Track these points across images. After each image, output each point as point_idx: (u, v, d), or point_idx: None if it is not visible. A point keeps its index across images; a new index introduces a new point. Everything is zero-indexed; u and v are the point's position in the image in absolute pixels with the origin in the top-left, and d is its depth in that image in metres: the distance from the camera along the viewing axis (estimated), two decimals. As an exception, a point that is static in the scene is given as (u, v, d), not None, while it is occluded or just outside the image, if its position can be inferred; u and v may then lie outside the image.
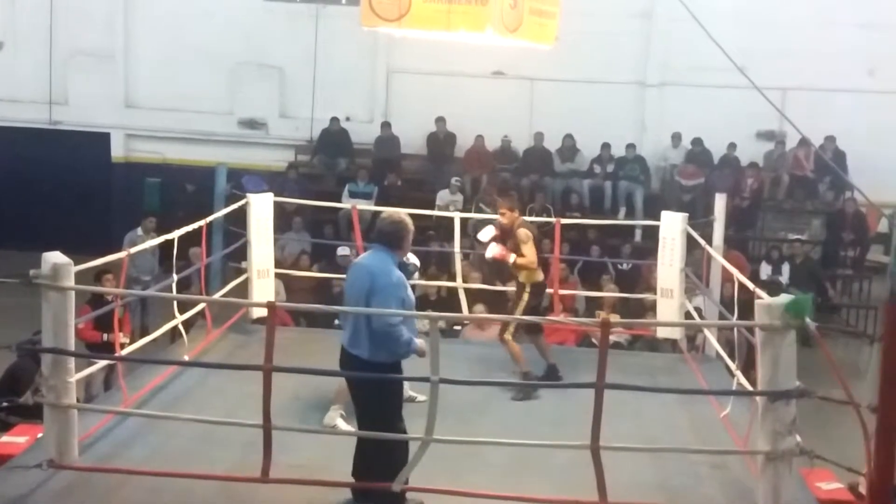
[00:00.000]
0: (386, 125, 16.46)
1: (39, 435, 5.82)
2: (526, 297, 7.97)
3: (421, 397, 6.91)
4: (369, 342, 5.32)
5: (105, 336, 9.20)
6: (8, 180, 16.73)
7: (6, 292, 6.03)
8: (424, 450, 5.17)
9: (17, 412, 7.27)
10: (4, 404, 7.15)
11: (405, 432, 5.42)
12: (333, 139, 16.51)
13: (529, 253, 7.85)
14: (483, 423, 6.82)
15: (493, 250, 7.99)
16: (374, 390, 5.39)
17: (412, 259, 7.14)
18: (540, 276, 8.13)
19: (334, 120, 16.48)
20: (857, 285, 15.16)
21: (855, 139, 15.34)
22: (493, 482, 5.63)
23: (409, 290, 5.53)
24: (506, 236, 8.00)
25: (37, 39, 16.95)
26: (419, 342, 5.42)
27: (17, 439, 6.28)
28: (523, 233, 7.88)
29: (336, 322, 10.97)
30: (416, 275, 7.53)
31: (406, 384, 6.78)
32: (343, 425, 6.47)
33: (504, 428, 6.68)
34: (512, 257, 7.87)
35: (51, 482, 5.42)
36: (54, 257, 5.22)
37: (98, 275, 8.95)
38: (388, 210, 5.90)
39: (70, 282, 5.22)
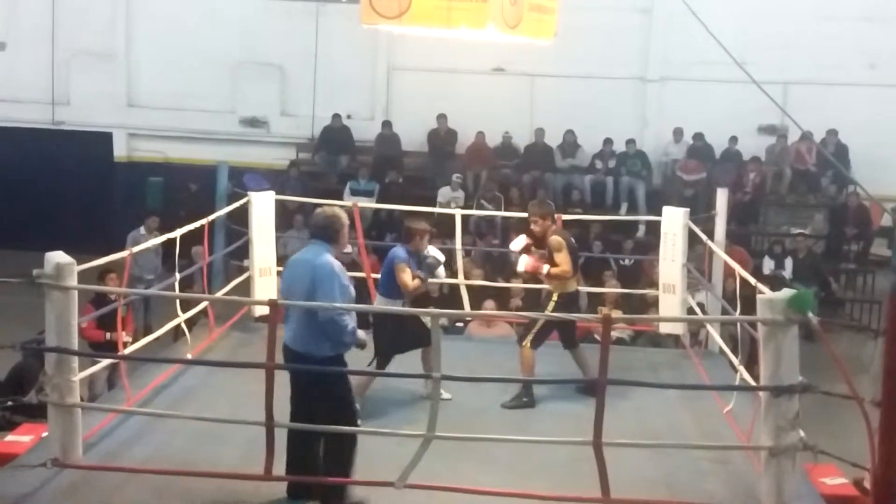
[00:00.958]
0: (387, 124, 16.47)
1: (44, 434, 5.83)
2: (551, 306, 7.49)
3: (446, 395, 6.91)
4: (314, 337, 5.32)
5: (108, 335, 9.21)
6: (11, 180, 16.76)
7: (9, 292, 6.05)
8: (426, 446, 5.17)
9: (21, 411, 7.30)
10: (9, 403, 7.16)
11: (358, 423, 5.56)
12: (336, 136, 16.52)
13: (563, 261, 7.39)
14: (485, 420, 6.82)
15: (524, 262, 7.61)
16: (331, 385, 5.38)
17: (433, 252, 7.19)
18: (572, 287, 7.60)
19: (336, 117, 16.49)
20: (861, 279, 15.15)
21: (857, 133, 15.35)
22: (495, 479, 5.63)
23: (348, 280, 5.53)
24: (539, 246, 7.61)
25: (39, 40, 16.97)
26: (361, 333, 5.49)
27: (21, 438, 6.29)
28: (555, 240, 7.43)
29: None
30: (442, 270, 7.39)
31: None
32: None
33: (506, 424, 6.68)
34: (545, 268, 7.46)
35: (55, 481, 5.43)
36: (57, 257, 5.23)
37: (101, 274, 8.95)
38: (323, 206, 5.91)
39: (73, 281, 5.23)
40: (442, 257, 7.27)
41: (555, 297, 7.52)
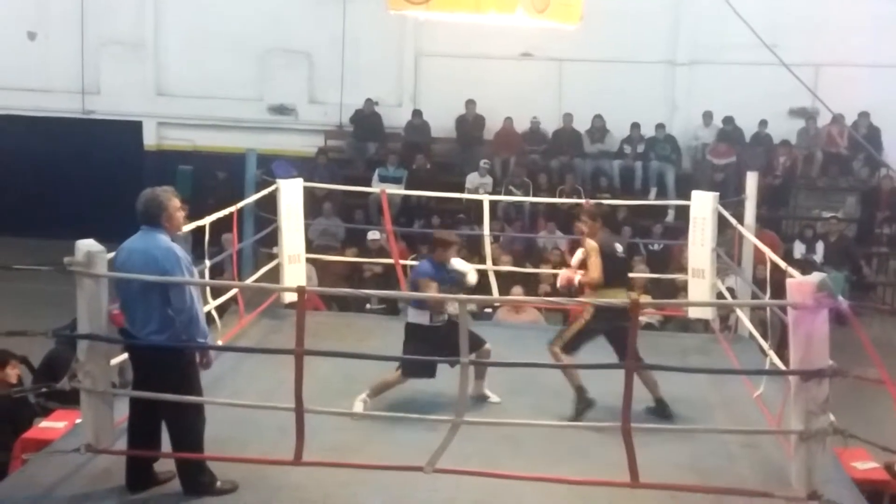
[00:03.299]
0: (417, 113, 16.45)
1: (77, 420, 5.91)
2: (584, 318, 6.82)
3: (495, 398, 6.94)
4: (164, 325, 5.20)
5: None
6: (42, 170, 16.94)
7: (41, 280, 6.13)
8: (455, 432, 5.19)
9: (55, 398, 7.38)
10: (43, 390, 7.25)
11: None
12: (367, 121, 16.53)
13: (592, 268, 6.73)
14: (514, 405, 6.83)
15: (560, 275, 7.17)
16: (179, 372, 5.26)
17: (459, 265, 6.86)
18: (609, 299, 6.54)
19: (368, 102, 16.48)
20: (893, 263, 14.97)
21: (890, 114, 15.12)
22: (524, 464, 5.65)
23: (190, 262, 5.40)
24: None
25: (68, 29, 17.10)
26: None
27: (55, 424, 6.40)
28: (589, 244, 6.82)
29: (368, 306, 11.10)
30: (473, 276, 6.96)
31: (485, 383, 6.91)
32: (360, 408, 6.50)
33: (535, 410, 6.68)
34: (576, 278, 6.91)
35: (88, 466, 5.50)
36: (88, 245, 5.27)
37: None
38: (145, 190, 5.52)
39: (104, 269, 5.28)
40: (468, 268, 6.95)
41: (591, 310, 6.72)
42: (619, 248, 6.99)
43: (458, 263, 6.90)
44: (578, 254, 7.05)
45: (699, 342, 9.15)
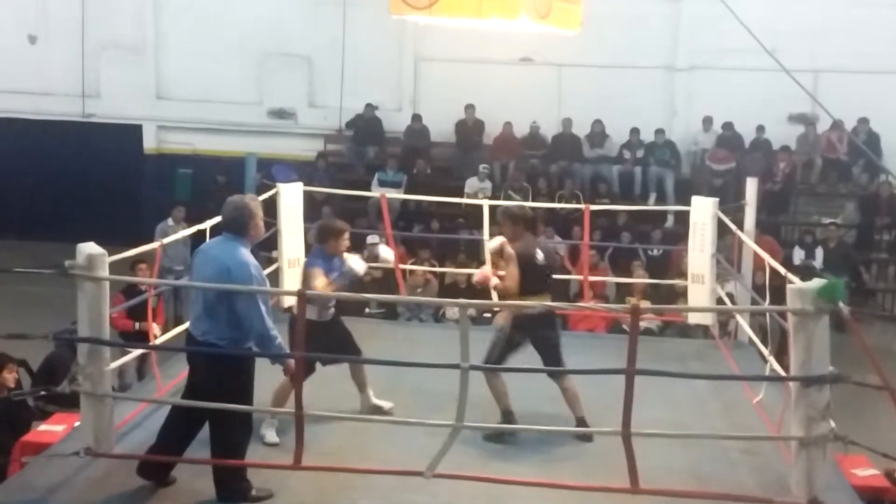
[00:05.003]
0: (417, 117, 16.47)
1: (76, 423, 5.90)
2: (504, 328, 6.54)
3: (387, 405, 6.65)
4: (226, 333, 5.18)
5: (137, 325, 9.35)
6: (43, 173, 16.98)
7: (42, 283, 6.11)
8: (455, 437, 5.18)
9: (54, 401, 7.37)
10: (42, 393, 7.24)
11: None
12: (367, 125, 16.54)
13: (507, 277, 6.48)
14: (513, 409, 6.81)
15: (478, 272, 6.97)
16: (226, 374, 5.21)
17: (354, 264, 6.43)
18: (529, 309, 6.28)
19: (369, 107, 16.51)
20: (892, 269, 15.00)
21: (889, 121, 15.20)
22: (523, 469, 5.64)
23: (263, 275, 5.37)
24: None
25: (69, 33, 17.14)
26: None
27: (54, 428, 6.39)
28: (507, 252, 6.50)
29: (366, 310, 11.08)
30: (388, 254, 6.80)
31: (371, 393, 6.66)
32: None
33: (534, 414, 6.67)
34: (493, 280, 6.67)
35: (88, 470, 5.50)
36: (89, 248, 5.26)
37: (133, 265, 9.08)
38: (233, 196, 5.49)
39: (105, 272, 5.27)
40: (361, 266, 6.49)
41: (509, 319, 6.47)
42: (539, 255, 6.55)
43: (353, 262, 6.44)
44: (494, 242, 6.73)
45: (699, 348, 9.15)
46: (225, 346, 5.20)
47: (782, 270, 6.74)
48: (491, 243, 6.94)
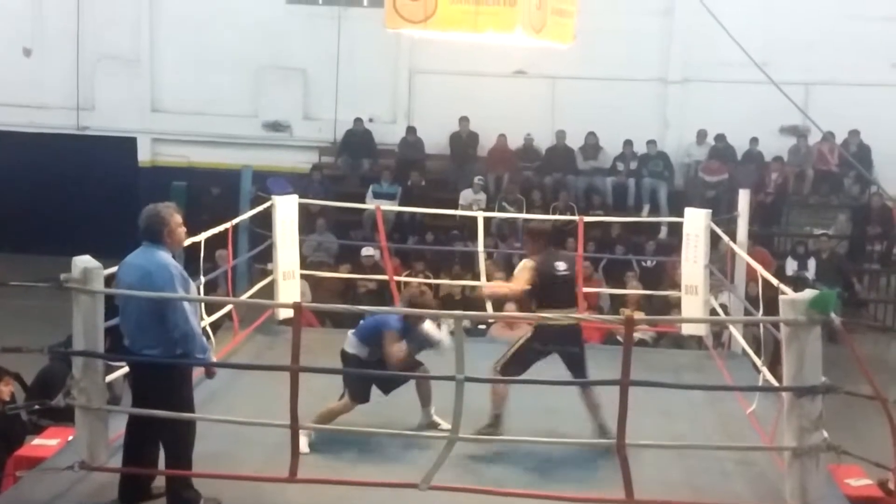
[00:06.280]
0: (411, 130, 16.51)
1: (70, 437, 5.90)
2: (524, 338, 6.66)
3: (445, 424, 6.39)
4: (158, 340, 5.21)
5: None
6: (37, 185, 16.92)
7: (37, 296, 6.12)
8: (450, 448, 5.19)
9: (48, 415, 7.33)
10: (36, 407, 7.23)
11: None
12: (358, 140, 16.58)
13: (516, 280, 6.64)
14: (509, 421, 6.82)
15: (487, 286, 7.09)
16: (166, 384, 5.22)
17: (431, 331, 6.39)
18: (549, 320, 6.27)
19: (358, 121, 16.55)
20: (885, 280, 15.04)
21: (880, 133, 15.28)
22: (518, 480, 5.65)
23: (186, 275, 5.40)
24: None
25: (63, 46, 17.11)
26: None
27: (48, 442, 6.38)
28: (524, 262, 6.72)
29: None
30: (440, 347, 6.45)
31: (432, 410, 6.65)
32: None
33: (529, 426, 6.69)
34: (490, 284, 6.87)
35: (82, 484, 5.49)
36: (84, 261, 5.27)
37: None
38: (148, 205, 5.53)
39: (100, 285, 5.29)
40: (441, 336, 6.40)
41: (530, 330, 6.59)
42: (560, 266, 6.59)
43: (429, 328, 6.41)
44: (521, 264, 6.81)
45: (692, 358, 9.17)
46: (158, 354, 5.21)
47: (775, 281, 6.78)
48: (518, 267, 6.89)
